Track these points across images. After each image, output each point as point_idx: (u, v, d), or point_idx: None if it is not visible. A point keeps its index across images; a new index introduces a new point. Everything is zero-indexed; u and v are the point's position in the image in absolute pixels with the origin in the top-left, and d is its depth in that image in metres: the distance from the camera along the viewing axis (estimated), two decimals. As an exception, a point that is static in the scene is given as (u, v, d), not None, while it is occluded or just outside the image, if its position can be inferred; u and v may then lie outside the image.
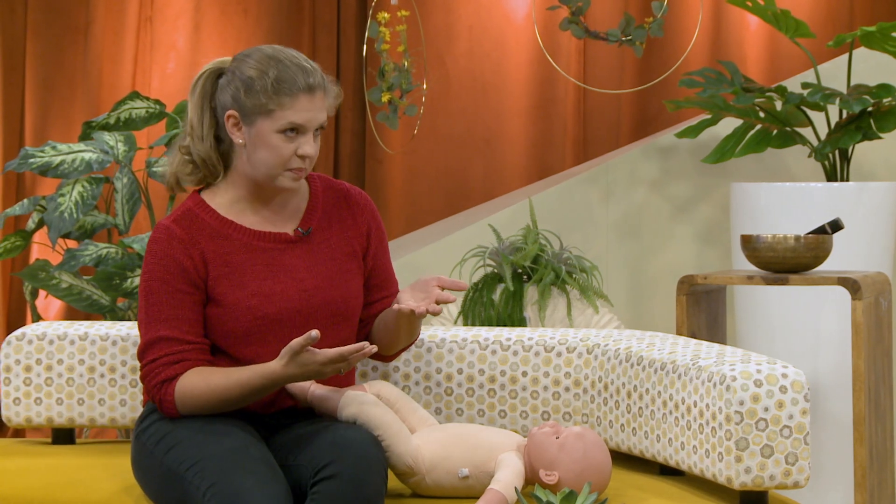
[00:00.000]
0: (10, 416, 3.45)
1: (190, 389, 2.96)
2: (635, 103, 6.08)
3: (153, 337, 2.99)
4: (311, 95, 2.98)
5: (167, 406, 2.98)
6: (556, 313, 4.56)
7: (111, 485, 3.07)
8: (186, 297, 3.00)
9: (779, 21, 4.82)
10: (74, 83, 6.04)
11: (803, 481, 2.88)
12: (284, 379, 2.91)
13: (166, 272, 3.00)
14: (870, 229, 4.65)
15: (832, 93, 4.65)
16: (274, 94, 2.96)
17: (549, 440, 2.92)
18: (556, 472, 2.90)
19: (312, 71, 3.00)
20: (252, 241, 3.04)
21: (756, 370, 2.87)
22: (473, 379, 3.32)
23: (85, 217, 4.71)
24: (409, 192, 6.15)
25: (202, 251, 3.02)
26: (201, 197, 3.08)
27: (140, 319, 3.03)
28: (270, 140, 2.98)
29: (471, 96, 6.13)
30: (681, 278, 3.99)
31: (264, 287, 3.02)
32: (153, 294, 3.00)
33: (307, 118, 2.98)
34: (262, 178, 3.02)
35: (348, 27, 6.16)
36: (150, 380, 2.99)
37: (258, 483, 2.78)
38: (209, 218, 3.04)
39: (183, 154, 3.08)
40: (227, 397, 2.95)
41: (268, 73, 2.97)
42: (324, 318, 3.05)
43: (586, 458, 2.91)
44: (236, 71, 3.01)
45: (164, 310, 3.00)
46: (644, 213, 5.31)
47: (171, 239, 3.01)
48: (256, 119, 2.98)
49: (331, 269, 3.08)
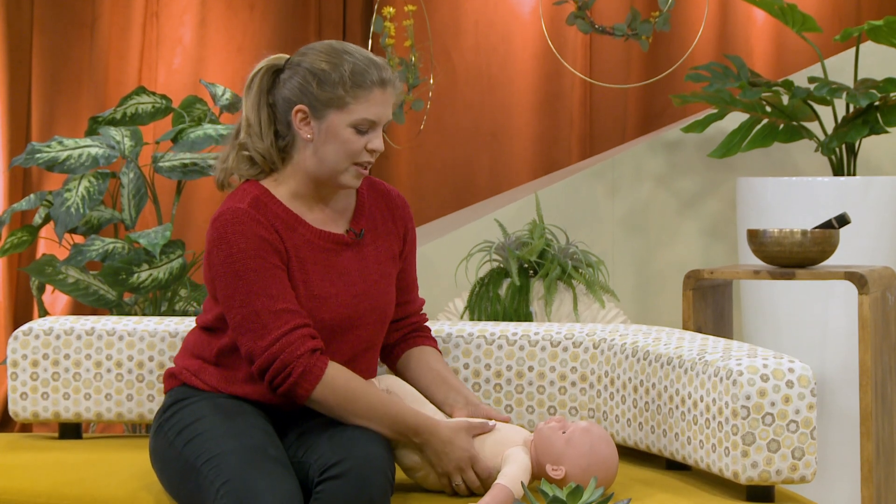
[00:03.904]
0: (17, 411, 3.46)
1: (345, 379, 2.91)
2: (641, 98, 6.08)
3: (275, 308, 2.89)
4: (383, 90, 2.94)
5: (311, 378, 2.89)
6: (562, 308, 4.56)
7: (118, 479, 3.07)
8: (284, 275, 2.93)
9: (785, 15, 4.82)
10: (81, 78, 6.05)
11: (810, 476, 2.88)
12: (430, 434, 2.91)
13: (261, 249, 2.91)
14: (876, 224, 4.64)
15: (839, 87, 4.65)
16: (351, 86, 2.92)
17: (556, 435, 2.93)
18: (563, 466, 2.90)
19: (383, 66, 2.96)
20: (314, 239, 3.00)
21: (762, 365, 2.87)
22: (480, 374, 3.32)
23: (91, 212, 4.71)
24: (416, 187, 6.16)
25: (281, 237, 2.96)
26: (265, 186, 3.01)
27: (236, 298, 2.90)
28: (342, 134, 2.94)
29: (477, 91, 6.13)
30: (687, 273, 3.99)
31: (323, 289, 2.98)
32: (253, 272, 2.90)
33: (379, 113, 2.94)
34: (327, 173, 2.97)
35: (354, 22, 6.16)
36: (293, 349, 2.89)
37: (272, 485, 2.77)
38: (277, 208, 2.98)
39: (241, 150, 3.02)
40: (364, 413, 2.92)
41: (342, 65, 2.93)
42: (370, 323, 3.04)
43: (593, 452, 2.91)
44: (302, 63, 2.95)
45: (272, 284, 2.91)
46: (650, 207, 5.30)
47: (252, 220, 2.93)
48: (328, 112, 2.93)
49: (377, 273, 3.06)
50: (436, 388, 3.10)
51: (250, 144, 3.01)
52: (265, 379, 2.92)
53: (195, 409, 2.98)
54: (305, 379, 2.90)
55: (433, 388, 3.10)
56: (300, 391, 2.90)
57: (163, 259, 4.61)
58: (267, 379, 2.92)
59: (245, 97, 3.03)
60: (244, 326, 2.91)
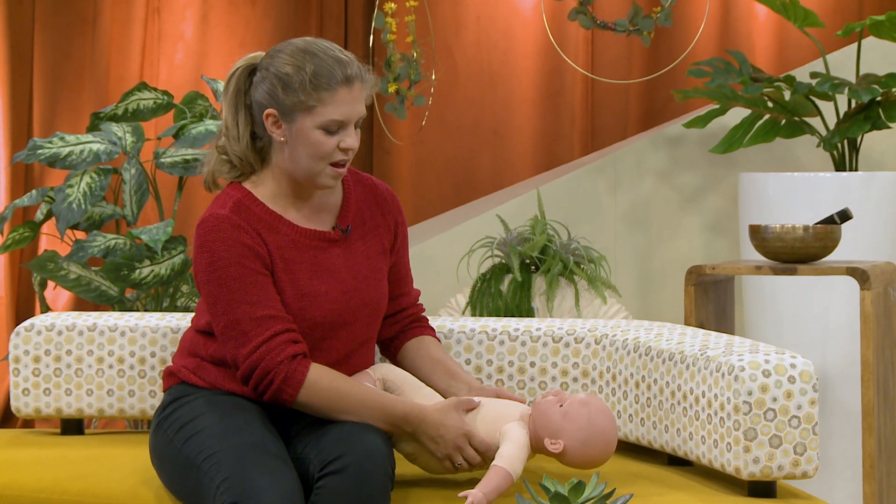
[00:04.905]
0: (19, 407, 3.46)
1: (328, 380, 2.91)
2: (643, 93, 6.08)
3: (256, 316, 2.90)
4: (349, 88, 2.93)
5: (293, 384, 2.90)
6: (563, 304, 4.56)
7: (120, 475, 3.07)
8: (267, 280, 2.94)
9: (787, 10, 4.81)
10: (82, 74, 6.05)
11: (812, 471, 2.88)
12: (420, 420, 2.90)
13: (242, 256, 2.92)
14: (878, 219, 4.64)
15: (841, 82, 4.64)
16: (312, 89, 2.90)
17: (553, 408, 2.91)
18: (561, 440, 2.89)
19: (349, 62, 2.94)
20: (299, 238, 3.00)
21: (764, 360, 2.87)
22: (481, 369, 3.32)
23: (93, 208, 4.71)
24: (417, 183, 6.15)
25: (264, 241, 2.96)
26: (247, 189, 3.01)
27: (219, 306, 2.92)
28: (312, 136, 2.92)
29: (478, 87, 6.13)
30: (689, 268, 3.99)
31: (311, 287, 2.98)
32: (234, 280, 2.91)
33: (347, 112, 2.93)
34: (303, 174, 2.96)
35: (356, 18, 6.16)
36: (273, 356, 2.90)
37: (272, 482, 2.77)
38: (259, 210, 2.98)
39: (220, 154, 3.02)
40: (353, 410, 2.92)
41: (304, 67, 2.91)
42: (362, 318, 3.04)
43: (591, 425, 2.90)
44: (270, 67, 2.94)
45: (253, 291, 2.91)
46: (652, 203, 5.30)
47: (233, 227, 2.93)
48: (296, 116, 2.92)
49: (367, 268, 3.06)
50: (438, 378, 3.10)
51: (228, 148, 3.01)
52: (249, 386, 2.94)
53: (194, 407, 2.98)
54: (288, 384, 2.90)
55: (435, 378, 3.10)
56: (284, 396, 2.92)
57: (164, 255, 4.61)
58: (251, 386, 2.93)
59: (223, 100, 3.02)
60: (227, 334, 2.93)
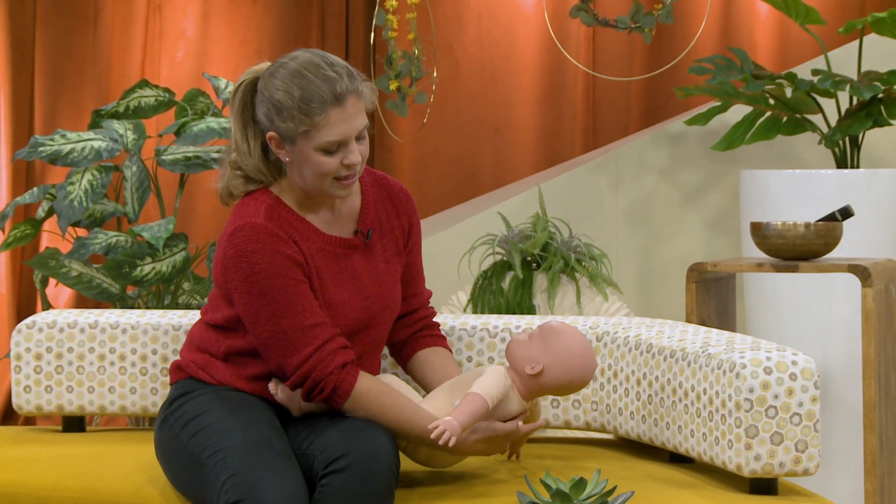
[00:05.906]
0: (20, 404, 3.46)
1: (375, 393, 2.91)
2: (645, 91, 6.08)
3: (303, 325, 2.89)
4: (341, 107, 2.88)
5: (342, 391, 2.90)
6: (565, 301, 4.56)
7: (122, 472, 3.08)
8: (307, 288, 2.92)
9: (789, 7, 4.81)
10: (84, 71, 6.05)
11: (813, 468, 2.88)
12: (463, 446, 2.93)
13: (283, 267, 2.90)
14: (880, 216, 4.64)
15: (842, 79, 4.64)
16: (304, 115, 2.87)
17: (521, 338, 2.99)
18: (540, 361, 2.95)
19: (337, 78, 2.88)
20: (325, 245, 2.99)
21: (766, 357, 2.87)
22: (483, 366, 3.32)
23: (94, 205, 4.71)
24: (419, 180, 6.15)
25: (300, 249, 2.94)
26: (275, 194, 2.99)
27: (262, 317, 2.89)
28: (313, 158, 2.90)
29: (480, 84, 6.13)
30: (690, 266, 3.99)
31: (337, 296, 2.97)
32: (277, 290, 2.88)
33: (343, 131, 2.89)
34: (313, 190, 2.95)
35: (357, 15, 6.15)
36: (324, 367, 2.89)
37: (277, 480, 2.77)
38: (290, 217, 2.97)
39: (233, 169, 3.00)
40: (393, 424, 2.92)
41: (293, 93, 2.87)
42: (380, 322, 3.04)
43: (565, 340, 2.97)
44: (265, 91, 2.92)
45: (297, 301, 2.90)
46: (653, 200, 5.30)
47: (271, 236, 2.90)
48: (295, 139, 2.90)
49: (385, 272, 3.05)
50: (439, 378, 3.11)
51: (241, 163, 2.99)
52: (301, 395, 2.96)
53: (201, 402, 2.98)
54: (337, 394, 2.91)
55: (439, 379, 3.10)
56: (333, 404, 2.93)
57: (166, 252, 4.61)
58: (302, 395, 2.94)
59: (231, 115, 3.01)
60: (271, 344, 2.91)
